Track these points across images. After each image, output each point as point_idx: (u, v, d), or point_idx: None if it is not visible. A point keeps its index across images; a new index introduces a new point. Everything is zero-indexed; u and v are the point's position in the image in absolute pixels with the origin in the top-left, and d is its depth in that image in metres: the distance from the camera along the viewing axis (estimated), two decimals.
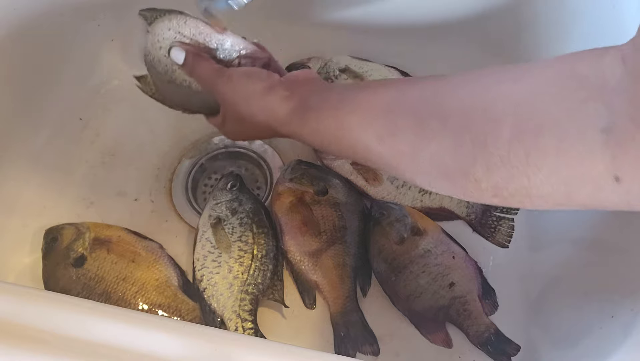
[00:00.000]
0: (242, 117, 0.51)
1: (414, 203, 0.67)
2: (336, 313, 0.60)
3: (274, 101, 0.49)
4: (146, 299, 0.60)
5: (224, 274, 0.60)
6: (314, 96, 0.48)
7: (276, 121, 0.49)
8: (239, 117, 0.52)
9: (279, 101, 0.48)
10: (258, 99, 0.49)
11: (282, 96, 0.48)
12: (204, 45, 0.54)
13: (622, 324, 0.47)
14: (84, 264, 0.60)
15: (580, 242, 0.60)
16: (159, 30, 0.55)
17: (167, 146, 0.73)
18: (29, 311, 0.37)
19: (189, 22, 0.54)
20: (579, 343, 0.53)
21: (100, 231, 0.63)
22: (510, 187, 0.33)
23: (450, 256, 0.62)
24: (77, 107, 0.75)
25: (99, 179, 0.71)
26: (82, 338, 0.36)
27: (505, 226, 0.65)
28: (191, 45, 0.54)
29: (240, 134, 0.56)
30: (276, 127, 0.50)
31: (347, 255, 0.62)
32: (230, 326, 0.58)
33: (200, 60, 0.53)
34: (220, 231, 0.62)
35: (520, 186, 0.33)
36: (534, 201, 0.34)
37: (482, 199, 0.36)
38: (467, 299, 0.60)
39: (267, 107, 0.49)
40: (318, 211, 0.63)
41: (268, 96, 0.49)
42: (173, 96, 0.58)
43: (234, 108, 0.52)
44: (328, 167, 0.69)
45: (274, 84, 0.49)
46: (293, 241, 0.62)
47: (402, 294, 0.61)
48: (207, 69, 0.52)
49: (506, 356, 0.58)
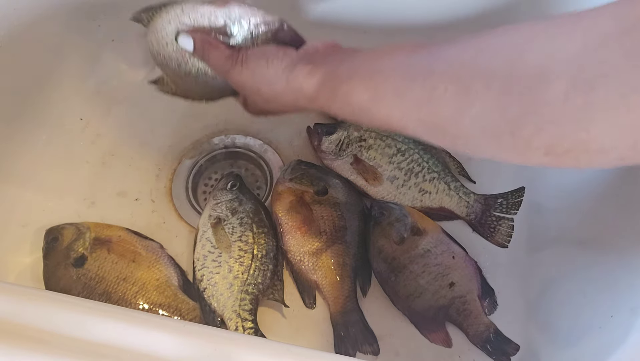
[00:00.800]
0: (267, 99, 0.49)
1: (414, 203, 0.67)
2: (336, 312, 0.60)
3: (298, 79, 0.46)
4: (146, 299, 0.60)
5: (224, 274, 0.60)
6: (341, 66, 0.45)
7: (304, 98, 0.47)
8: (264, 99, 0.50)
9: (303, 77, 0.46)
10: (281, 81, 0.47)
11: (305, 72, 0.46)
12: (210, 27, 0.51)
13: (621, 324, 0.48)
14: (85, 264, 0.60)
15: (580, 242, 0.60)
16: (159, 27, 0.53)
17: (167, 146, 0.73)
18: (30, 311, 0.37)
19: (187, 9, 0.52)
20: (578, 343, 0.53)
21: (100, 231, 0.63)
22: (566, 143, 0.31)
23: (450, 256, 0.62)
24: (78, 107, 0.75)
25: (100, 179, 0.71)
26: (83, 338, 0.36)
27: (505, 226, 0.65)
28: (197, 31, 0.51)
29: (268, 112, 0.54)
30: (304, 105, 0.47)
31: (347, 255, 0.62)
32: (230, 325, 0.58)
33: (209, 48, 0.51)
34: (221, 231, 0.62)
35: (578, 141, 0.31)
36: (592, 157, 0.31)
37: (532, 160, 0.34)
38: (467, 299, 0.60)
39: (292, 87, 0.47)
40: (318, 211, 0.63)
41: (291, 75, 0.47)
42: (194, 88, 0.56)
43: (257, 93, 0.50)
44: (328, 167, 0.69)
45: (294, 61, 0.47)
46: (293, 241, 0.62)
47: (402, 294, 0.61)
48: (218, 58, 0.50)
49: (506, 356, 0.58)
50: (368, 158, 0.67)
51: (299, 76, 0.47)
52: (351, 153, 0.68)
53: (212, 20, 0.51)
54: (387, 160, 0.67)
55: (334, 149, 0.68)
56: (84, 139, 0.74)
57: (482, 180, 0.69)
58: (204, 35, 0.51)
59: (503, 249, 0.65)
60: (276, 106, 0.51)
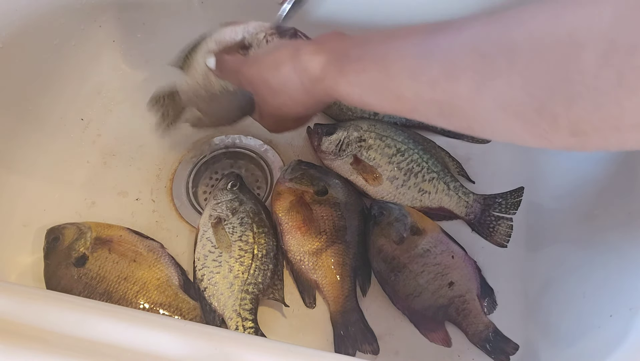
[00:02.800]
0: (274, 91, 0.49)
1: (414, 202, 0.67)
2: (336, 312, 0.60)
3: (303, 59, 0.46)
4: (147, 298, 0.60)
5: (224, 274, 0.60)
6: (350, 46, 0.44)
7: (310, 79, 0.46)
8: (272, 92, 0.49)
9: (308, 57, 0.45)
10: (287, 63, 0.47)
11: (311, 51, 0.46)
12: (232, 42, 0.56)
13: (620, 323, 0.48)
14: (86, 264, 0.60)
15: (578, 242, 0.60)
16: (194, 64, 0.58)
17: (168, 146, 0.73)
18: (31, 310, 0.37)
19: (214, 36, 0.57)
20: (577, 342, 0.53)
21: (101, 230, 0.63)
22: (596, 119, 0.29)
23: (449, 256, 0.62)
24: (79, 108, 0.75)
25: (100, 178, 0.71)
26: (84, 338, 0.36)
27: (504, 225, 0.65)
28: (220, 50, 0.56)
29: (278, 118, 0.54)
30: (310, 89, 0.46)
31: (347, 255, 0.62)
32: (230, 325, 0.58)
33: (224, 55, 0.54)
34: (221, 231, 0.62)
35: (609, 116, 0.29)
36: (624, 135, 0.29)
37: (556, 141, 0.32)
38: (466, 298, 0.60)
39: (297, 67, 0.46)
40: (318, 211, 0.64)
41: (296, 57, 0.46)
42: (219, 111, 0.60)
43: (265, 85, 0.49)
44: (328, 167, 0.69)
45: (300, 46, 0.47)
46: (293, 241, 0.63)
47: (401, 293, 0.61)
48: (233, 62, 0.52)
49: (505, 355, 0.58)
50: (368, 158, 0.68)
51: (304, 56, 0.46)
52: (351, 153, 0.68)
53: (233, 36, 0.56)
54: (387, 160, 0.67)
55: (333, 149, 0.68)
56: (85, 139, 0.74)
57: (481, 180, 0.70)
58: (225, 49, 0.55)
59: (502, 249, 0.65)
60: (285, 100, 0.49)
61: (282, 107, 0.50)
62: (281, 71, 0.47)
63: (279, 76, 0.48)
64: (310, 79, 0.46)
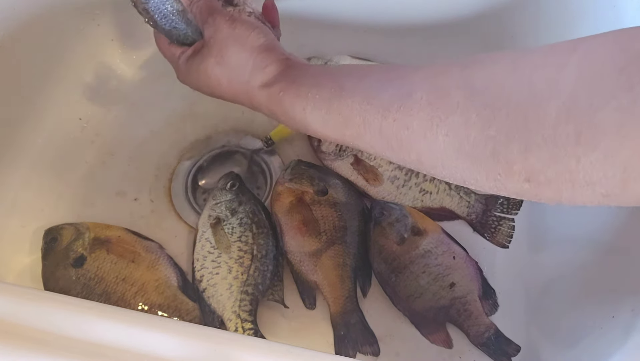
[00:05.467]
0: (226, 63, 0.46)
1: (414, 203, 0.67)
2: (336, 313, 0.60)
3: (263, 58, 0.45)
4: (146, 299, 0.60)
5: (223, 275, 0.60)
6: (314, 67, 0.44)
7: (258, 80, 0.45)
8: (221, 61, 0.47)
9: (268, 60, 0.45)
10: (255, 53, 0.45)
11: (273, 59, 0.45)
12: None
13: (622, 324, 0.47)
14: (84, 265, 0.60)
15: (580, 242, 0.60)
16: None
17: (166, 146, 0.73)
18: (29, 311, 0.37)
19: None
20: (579, 344, 0.53)
21: (99, 231, 0.63)
22: (550, 171, 0.29)
23: (450, 257, 0.62)
24: (77, 107, 0.75)
25: (99, 179, 0.71)
26: (82, 338, 0.36)
27: (505, 226, 0.65)
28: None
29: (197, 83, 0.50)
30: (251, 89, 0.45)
31: (347, 255, 0.62)
32: (230, 326, 0.58)
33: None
34: (220, 231, 0.62)
35: (564, 170, 0.29)
36: (576, 190, 0.29)
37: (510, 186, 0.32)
38: (468, 299, 0.60)
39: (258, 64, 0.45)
40: (318, 211, 0.63)
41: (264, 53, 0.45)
42: None
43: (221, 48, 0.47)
44: (328, 167, 0.69)
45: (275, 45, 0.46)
46: (293, 242, 0.62)
47: (402, 294, 0.61)
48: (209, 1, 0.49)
49: (506, 357, 0.58)
50: (368, 158, 0.67)
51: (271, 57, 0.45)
52: (351, 153, 0.68)
53: None
54: (388, 160, 0.67)
55: (334, 149, 0.68)
56: (83, 139, 0.74)
57: None
58: None
59: (504, 249, 0.65)
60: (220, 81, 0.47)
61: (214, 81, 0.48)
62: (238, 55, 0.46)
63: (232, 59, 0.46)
64: (258, 79, 0.45)
